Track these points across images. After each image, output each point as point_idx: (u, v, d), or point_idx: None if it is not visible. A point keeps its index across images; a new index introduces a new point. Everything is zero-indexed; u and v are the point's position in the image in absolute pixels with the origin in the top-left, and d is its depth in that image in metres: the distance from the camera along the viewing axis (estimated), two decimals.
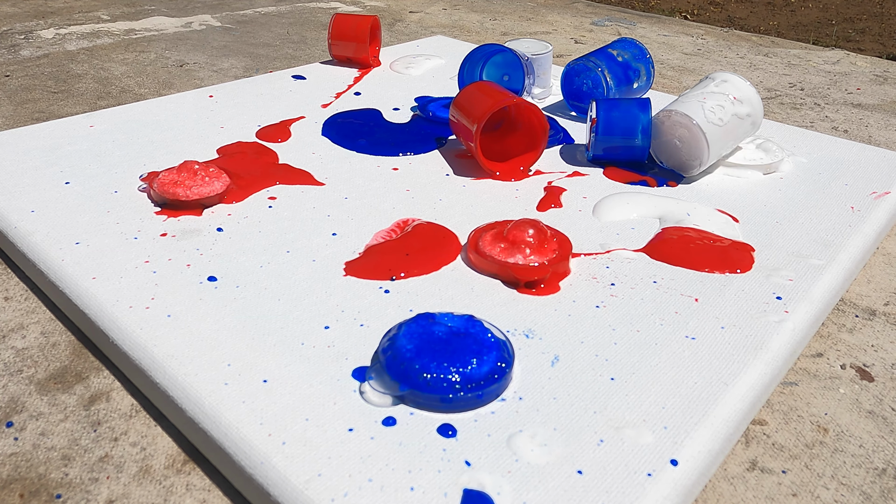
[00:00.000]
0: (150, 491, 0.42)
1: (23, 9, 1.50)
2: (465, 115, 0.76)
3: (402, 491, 0.39)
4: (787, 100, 1.11)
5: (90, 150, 0.78)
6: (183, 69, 1.16)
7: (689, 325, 0.53)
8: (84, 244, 0.61)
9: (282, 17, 1.52)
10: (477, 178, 0.76)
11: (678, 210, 0.69)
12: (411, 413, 0.44)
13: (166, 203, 0.67)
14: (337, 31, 1.07)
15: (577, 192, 0.73)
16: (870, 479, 0.44)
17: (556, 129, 0.88)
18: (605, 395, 0.46)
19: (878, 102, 1.10)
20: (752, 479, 0.44)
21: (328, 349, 0.49)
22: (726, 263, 0.60)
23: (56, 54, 1.21)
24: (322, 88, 1.00)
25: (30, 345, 0.54)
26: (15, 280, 0.62)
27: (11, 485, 0.42)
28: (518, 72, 0.92)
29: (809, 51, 1.38)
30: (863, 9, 2.96)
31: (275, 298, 0.55)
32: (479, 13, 1.62)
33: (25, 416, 0.47)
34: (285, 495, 0.39)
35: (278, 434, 0.42)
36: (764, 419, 0.49)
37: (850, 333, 0.58)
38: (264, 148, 0.81)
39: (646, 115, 0.75)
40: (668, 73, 1.22)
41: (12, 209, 0.66)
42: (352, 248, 0.62)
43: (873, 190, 0.74)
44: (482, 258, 0.58)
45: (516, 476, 0.40)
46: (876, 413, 0.49)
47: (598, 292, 0.57)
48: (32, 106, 0.98)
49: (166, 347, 0.49)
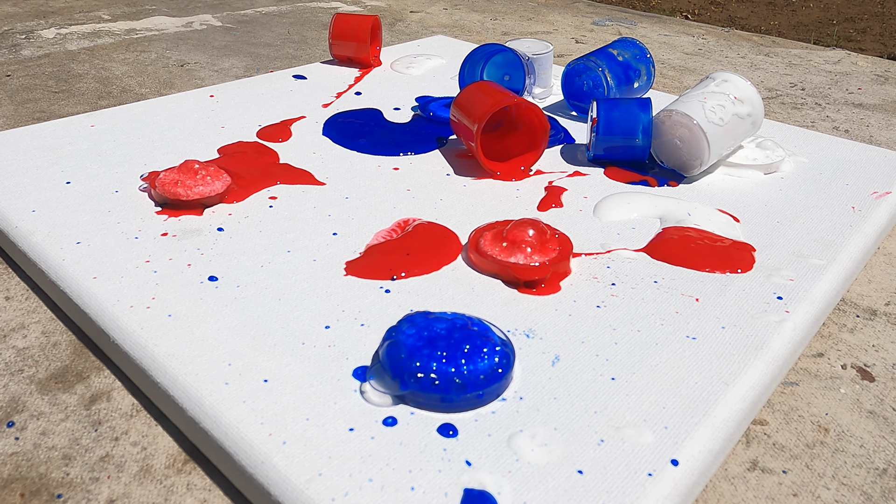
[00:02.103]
0: (151, 490, 0.42)
1: (24, 8, 1.50)
2: (466, 114, 0.76)
3: (403, 490, 0.39)
4: (787, 100, 1.11)
5: (91, 149, 0.79)
6: (184, 69, 1.16)
7: (689, 325, 0.53)
8: (85, 244, 0.61)
9: (283, 16, 1.52)
10: (478, 178, 0.76)
11: (679, 210, 0.69)
12: (412, 413, 0.44)
13: (167, 203, 0.67)
14: (338, 31, 1.07)
15: (578, 191, 0.73)
16: (870, 480, 0.44)
17: (557, 129, 0.88)
18: (605, 395, 0.46)
19: (879, 102, 1.10)
20: (753, 479, 0.44)
21: (329, 349, 0.50)
22: (727, 263, 0.60)
23: (57, 54, 1.21)
24: (323, 88, 1.00)
25: (31, 344, 0.54)
26: (16, 280, 0.62)
27: (12, 484, 0.42)
28: (519, 71, 0.92)
29: (810, 50, 1.38)
30: (864, 8, 2.96)
31: (275, 298, 0.55)
32: (479, 13, 1.62)
33: (26, 416, 0.47)
34: (286, 495, 0.39)
35: (279, 434, 0.42)
36: (765, 419, 0.49)
37: (851, 333, 0.58)
38: (265, 148, 0.81)
39: (646, 114, 0.75)
40: (669, 72, 1.22)
41: (13, 209, 0.66)
42: (352, 248, 0.62)
43: (874, 190, 0.74)
44: (483, 258, 0.58)
45: (517, 476, 0.40)
46: (877, 413, 0.49)
47: (598, 292, 0.57)
48: (33, 106, 0.98)
49: (167, 347, 0.49)
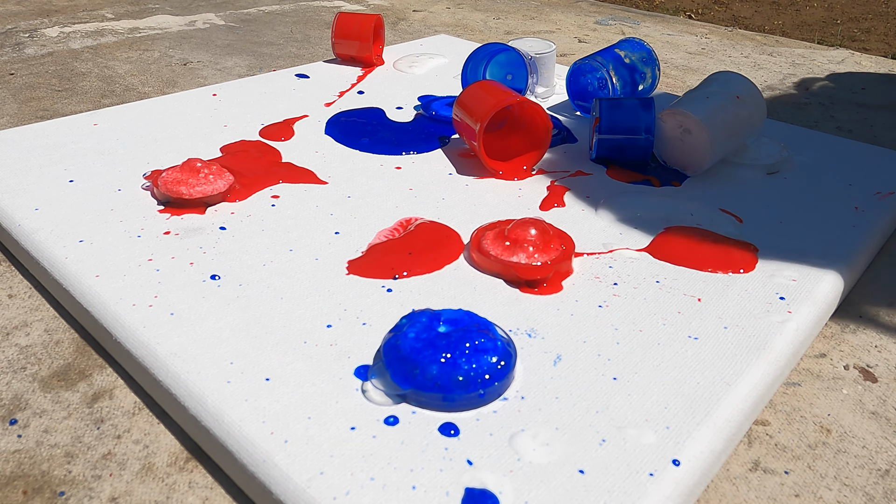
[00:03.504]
0: (153, 488, 0.42)
1: (27, 7, 1.50)
2: (469, 114, 0.76)
3: (404, 489, 0.39)
4: (791, 99, 1.10)
5: (94, 148, 0.79)
6: (186, 68, 1.16)
7: (691, 325, 0.53)
8: (88, 242, 0.61)
9: (285, 15, 1.52)
10: (480, 178, 0.76)
11: (681, 210, 0.69)
12: (413, 412, 0.44)
13: (170, 201, 0.67)
14: (340, 30, 1.07)
15: (580, 191, 0.73)
16: (873, 480, 0.44)
17: (559, 129, 0.88)
18: (607, 395, 0.46)
19: (882, 102, 1.09)
20: (755, 479, 0.44)
21: (331, 348, 0.50)
22: (729, 263, 0.60)
23: (60, 53, 1.21)
24: (325, 87, 1.00)
25: (33, 342, 0.54)
26: (19, 278, 0.62)
27: (15, 482, 0.43)
28: (521, 71, 0.92)
29: (814, 50, 1.38)
30: (868, 8, 2.95)
31: (277, 297, 0.55)
32: (482, 12, 1.62)
33: (29, 414, 0.47)
34: (287, 493, 0.39)
35: (281, 432, 0.42)
36: (767, 419, 0.49)
37: (854, 334, 0.57)
38: (267, 146, 0.81)
39: (649, 114, 0.75)
40: (672, 72, 1.22)
41: (16, 207, 0.66)
42: (354, 247, 0.62)
43: (877, 190, 0.74)
44: (485, 257, 0.58)
45: (518, 475, 0.40)
46: (879, 414, 0.49)
47: (600, 292, 0.57)
48: (37, 104, 0.99)
49: (169, 345, 0.49)
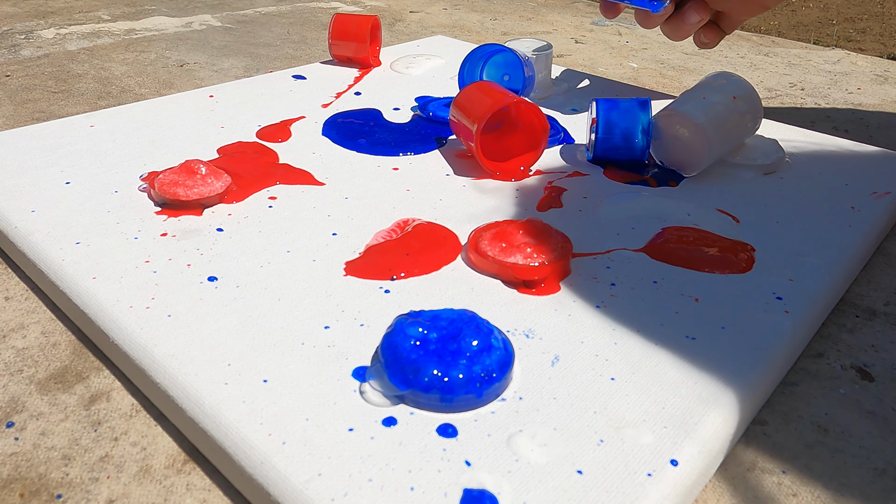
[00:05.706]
0: (151, 490, 0.42)
1: (23, 8, 1.50)
2: (466, 114, 0.76)
3: (403, 490, 0.39)
4: (787, 99, 1.11)
5: (90, 149, 0.79)
6: (183, 69, 1.16)
7: (689, 326, 0.53)
8: (84, 244, 0.61)
9: (282, 16, 1.52)
10: (477, 178, 0.76)
11: (678, 210, 0.69)
12: (411, 413, 0.44)
13: (167, 203, 0.67)
14: (337, 31, 1.07)
15: (578, 191, 0.73)
16: (870, 480, 0.44)
17: (557, 129, 0.88)
18: (605, 395, 0.46)
19: (878, 102, 1.10)
20: (753, 479, 0.44)
21: (328, 349, 0.49)
22: (726, 263, 0.60)
23: (56, 54, 1.21)
24: (322, 88, 1.00)
25: (30, 344, 0.54)
26: (15, 280, 0.62)
27: (12, 484, 0.42)
28: (518, 71, 0.92)
29: (810, 50, 1.38)
30: (864, 8, 2.96)
31: (275, 298, 0.55)
32: (479, 13, 1.62)
33: (26, 416, 0.47)
34: (285, 495, 0.39)
35: (278, 434, 0.42)
36: (764, 419, 0.49)
37: (851, 334, 0.58)
38: (264, 148, 0.81)
39: (646, 114, 0.75)
40: (669, 73, 1.22)
41: (12, 209, 0.66)
42: (352, 248, 0.62)
43: (874, 190, 0.74)
44: (482, 258, 0.58)
45: (516, 476, 0.40)
46: (876, 413, 0.49)
47: (598, 292, 0.57)
48: (33, 106, 0.98)
49: (166, 347, 0.49)
